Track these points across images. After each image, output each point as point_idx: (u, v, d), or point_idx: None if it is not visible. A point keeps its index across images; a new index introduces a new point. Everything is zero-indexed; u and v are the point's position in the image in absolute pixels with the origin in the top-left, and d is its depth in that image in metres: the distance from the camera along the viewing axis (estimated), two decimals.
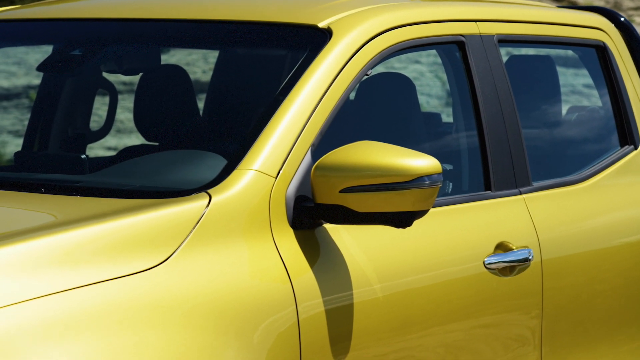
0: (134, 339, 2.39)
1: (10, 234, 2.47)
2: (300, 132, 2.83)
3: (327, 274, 2.77)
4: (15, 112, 9.60)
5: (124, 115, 8.13)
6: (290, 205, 2.77)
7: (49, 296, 2.33)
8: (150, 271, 2.49)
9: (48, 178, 3.05)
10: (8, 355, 2.21)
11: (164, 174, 3.03)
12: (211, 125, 3.57)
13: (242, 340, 2.55)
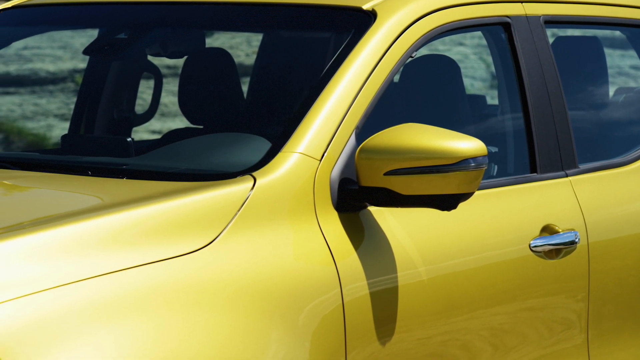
0: (181, 320, 2.40)
1: (58, 217, 2.49)
2: (345, 114, 2.83)
3: (372, 257, 2.77)
4: (61, 96, 9.68)
5: (168, 99, 8.17)
6: (334, 188, 2.77)
7: (96, 278, 2.34)
8: (196, 253, 2.50)
9: (94, 161, 3.08)
10: (57, 336, 2.24)
11: (209, 157, 3.04)
12: (255, 108, 3.57)
13: (287, 323, 2.56)
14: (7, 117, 9.49)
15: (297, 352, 2.55)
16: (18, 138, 9.30)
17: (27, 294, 2.26)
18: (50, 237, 2.37)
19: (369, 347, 2.72)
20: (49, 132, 9.26)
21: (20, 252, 2.32)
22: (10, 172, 2.99)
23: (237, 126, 3.40)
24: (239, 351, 2.45)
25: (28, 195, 2.87)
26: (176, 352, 2.36)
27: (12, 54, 9.84)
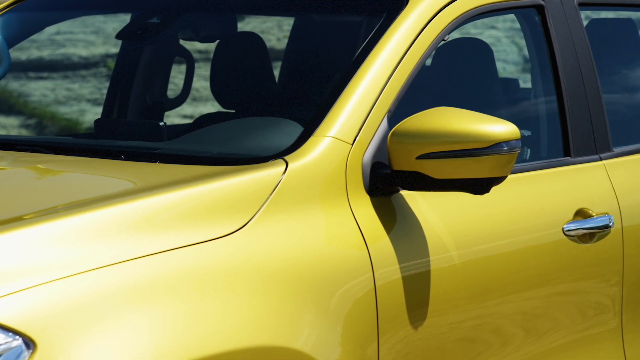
0: (214, 304, 2.41)
1: (92, 200, 2.50)
2: (377, 98, 2.82)
3: (404, 241, 2.77)
4: (94, 81, 9.72)
5: (199, 83, 8.18)
6: (366, 172, 2.77)
7: (130, 261, 2.36)
8: (228, 237, 2.51)
9: (127, 145, 3.09)
10: (92, 319, 2.25)
11: (241, 141, 3.04)
12: (287, 92, 3.57)
13: (319, 306, 2.56)
14: (40, 102, 9.54)
15: (329, 336, 2.55)
16: (51, 123, 9.36)
17: (62, 277, 2.27)
18: (84, 221, 2.38)
19: (401, 331, 2.72)
20: (82, 117, 9.30)
21: (54, 236, 2.33)
22: (45, 156, 3.01)
23: (269, 110, 3.40)
24: (271, 335, 2.46)
25: (62, 179, 2.89)
26: (209, 335, 2.37)
27: (45, 39, 9.89)
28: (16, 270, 2.24)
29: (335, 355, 2.55)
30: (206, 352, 2.35)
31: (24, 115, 9.41)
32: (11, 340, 2.18)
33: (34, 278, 2.25)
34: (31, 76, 9.68)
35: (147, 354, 2.27)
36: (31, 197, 2.63)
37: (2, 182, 2.78)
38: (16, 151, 3.09)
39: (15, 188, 2.73)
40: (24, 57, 9.61)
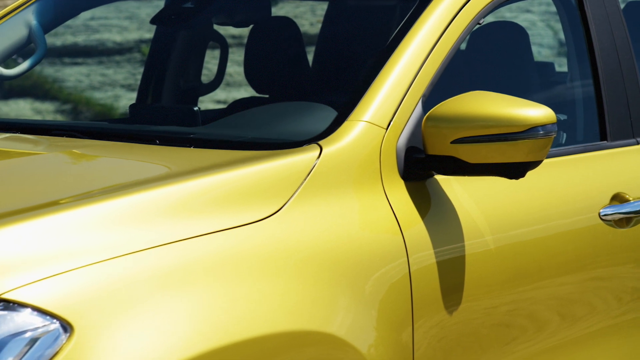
0: (250, 288, 2.42)
1: (128, 185, 2.51)
2: (411, 82, 2.81)
3: (438, 226, 2.76)
4: (128, 66, 9.75)
5: (232, 68, 8.19)
6: (400, 157, 2.76)
7: (166, 246, 2.36)
8: (263, 222, 2.51)
9: (162, 130, 3.10)
10: (127, 303, 2.26)
11: (275, 126, 3.04)
12: (321, 77, 3.57)
13: (354, 291, 2.56)
14: (75, 88, 9.59)
15: (363, 320, 2.55)
16: (86, 108, 9.40)
17: (98, 262, 2.29)
18: (120, 206, 2.39)
19: (436, 316, 2.71)
20: (116, 102, 9.34)
21: (91, 220, 2.35)
22: (80, 141, 3.02)
23: (303, 95, 3.40)
24: (306, 319, 2.46)
25: (97, 164, 2.90)
26: (245, 319, 2.37)
27: (80, 25, 9.93)
28: (53, 254, 2.26)
29: (370, 340, 2.55)
30: (242, 336, 2.35)
31: (59, 100, 9.46)
32: (48, 324, 2.19)
33: (71, 262, 2.26)
34: (66, 62, 9.73)
35: (183, 337, 2.28)
36: (67, 181, 2.65)
37: (39, 167, 2.80)
38: (52, 136, 3.11)
39: (51, 173, 2.75)
40: (58, 42, 9.66)
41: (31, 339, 2.17)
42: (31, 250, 2.25)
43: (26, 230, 2.28)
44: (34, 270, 2.22)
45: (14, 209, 2.37)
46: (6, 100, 9.31)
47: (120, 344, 2.21)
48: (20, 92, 9.37)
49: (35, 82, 9.42)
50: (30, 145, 3.08)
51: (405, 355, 2.63)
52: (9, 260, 2.21)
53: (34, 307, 2.18)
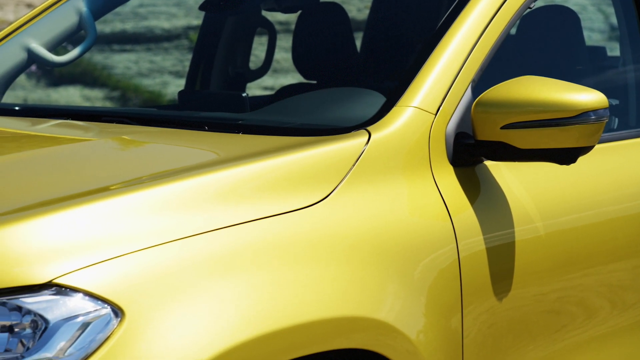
0: (298, 274, 2.42)
1: (177, 171, 2.52)
2: (461, 68, 2.79)
3: (488, 212, 2.75)
4: (176, 53, 9.79)
5: (280, 55, 8.19)
6: (450, 142, 2.75)
7: (214, 232, 2.37)
8: (311, 208, 2.51)
9: (211, 116, 3.11)
10: (177, 289, 2.27)
11: (324, 112, 3.04)
12: (369, 63, 3.56)
13: (402, 277, 2.56)
14: (123, 75, 9.64)
15: (412, 306, 2.55)
16: (134, 95, 9.46)
17: (148, 247, 2.30)
18: (169, 192, 2.40)
19: (485, 302, 2.70)
20: (164, 89, 9.38)
21: (140, 206, 2.36)
22: (130, 127, 3.04)
23: (351, 81, 3.39)
24: (355, 305, 2.46)
25: (147, 150, 2.92)
26: (293, 305, 2.38)
27: (129, 12, 9.98)
28: (104, 240, 2.27)
29: (419, 326, 2.54)
30: (291, 321, 2.36)
31: (108, 87, 9.52)
32: (100, 309, 2.21)
33: (122, 248, 2.27)
34: (115, 49, 9.79)
35: (232, 323, 2.29)
36: (117, 167, 2.66)
37: (89, 154, 2.82)
38: (102, 122, 3.13)
39: (101, 159, 2.77)
40: (107, 29, 9.72)
41: (83, 324, 2.19)
42: (82, 236, 2.26)
43: (77, 216, 2.29)
44: (85, 256, 2.23)
45: (66, 194, 2.39)
46: (56, 87, 9.38)
47: (169, 329, 2.22)
48: (69, 79, 9.45)
49: (84, 69, 9.48)
50: (81, 132, 3.10)
51: (454, 341, 2.62)
52: (61, 245, 2.23)
53: (86, 292, 2.20)
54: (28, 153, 2.81)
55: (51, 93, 9.16)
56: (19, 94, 9.02)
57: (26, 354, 2.16)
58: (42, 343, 2.17)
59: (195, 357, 2.22)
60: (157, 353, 2.20)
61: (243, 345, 2.28)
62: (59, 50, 3.67)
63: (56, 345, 2.17)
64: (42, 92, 9.12)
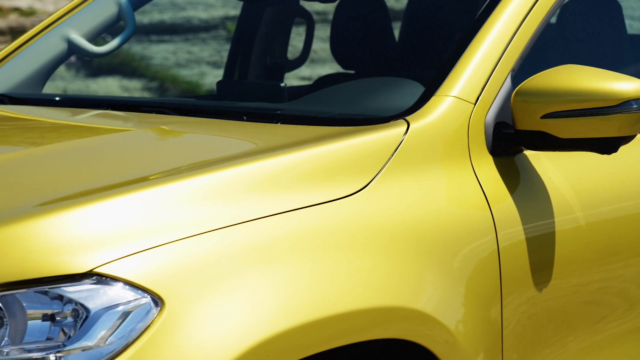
0: (337, 264, 2.42)
1: (216, 161, 2.53)
2: (500, 57, 2.78)
3: (528, 202, 2.73)
4: (213, 44, 9.81)
5: (317, 45, 8.18)
6: (489, 132, 2.73)
7: (252, 221, 2.37)
8: (350, 198, 2.51)
9: (249, 106, 3.11)
10: (216, 278, 2.28)
11: (362, 102, 3.03)
12: (408, 52, 3.55)
13: (441, 267, 2.55)
14: (161, 65, 9.68)
15: (451, 296, 2.54)
16: (172, 85, 9.49)
17: (187, 237, 2.31)
18: (208, 182, 2.41)
19: (525, 293, 2.69)
20: (202, 79, 9.41)
21: (179, 196, 2.37)
22: (169, 117, 3.05)
23: (390, 70, 3.38)
24: (394, 295, 2.46)
25: (186, 140, 2.92)
26: (331, 295, 2.38)
27: (166, 3, 10.01)
28: (143, 229, 2.28)
29: (458, 316, 2.54)
30: (329, 311, 2.36)
31: (146, 78, 9.56)
32: (140, 298, 2.22)
33: (161, 237, 2.28)
34: (153, 39, 9.82)
35: (271, 312, 2.29)
36: (156, 157, 2.67)
37: (128, 144, 2.83)
38: (141, 112, 3.15)
39: (140, 149, 2.78)
40: (146, 20, 9.75)
41: (123, 313, 2.20)
42: (122, 226, 2.27)
43: (118, 206, 2.30)
44: (125, 245, 2.24)
45: (105, 184, 2.40)
46: (95, 78, 9.43)
47: (208, 318, 2.23)
48: (108, 70, 9.49)
49: (123, 60, 9.53)
50: (120, 122, 3.12)
51: (493, 331, 2.61)
52: (101, 235, 2.25)
53: (126, 281, 2.21)
54: (68, 143, 2.83)
55: (90, 84, 9.21)
56: (59, 84, 9.08)
57: (68, 342, 2.18)
58: (83, 332, 2.18)
59: (235, 347, 2.23)
60: (196, 342, 2.21)
61: (281, 335, 2.28)
62: (98, 41, 3.69)
63: (97, 334, 2.18)
64: (81, 83, 9.17)
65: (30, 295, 2.18)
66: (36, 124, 3.18)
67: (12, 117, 3.24)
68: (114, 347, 2.18)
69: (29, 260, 2.19)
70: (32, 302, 2.18)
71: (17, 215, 2.26)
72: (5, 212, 2.28)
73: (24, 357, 2.15)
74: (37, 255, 2.19)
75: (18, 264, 2.18)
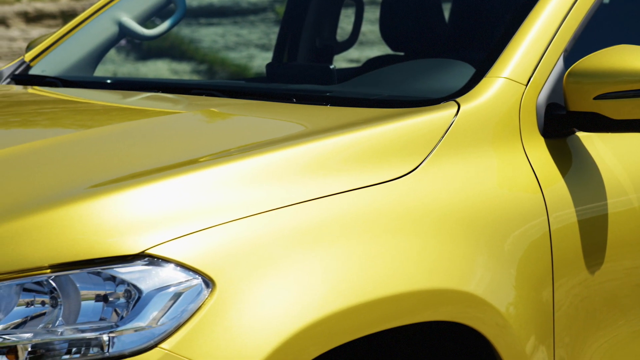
0: (387, 246, 2.41)
1: (264, 143, 2.53)
2: (552, 37, 2.75)
3: (580, 184, 2.71)
4: (262, 26, 9.82)
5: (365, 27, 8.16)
6: (541, 113, 2.71)
7: (302, 204, 2.37)
8: (400, 180, 2.50)
9: (298, 88, 3.11)
10: (266, 260, 2.28)
11: (412, 83, 3.02)
12: (458, 33, 3.52)
13: (492, 249, 2.54)
14: (210, 48, 9.70)
15: (502, 279, 2.53)
16: (221, 68, 9.51)
17: (237, 219, 2.31)
18: (258, 164, 2.41)
19: (577, 275, 2.67)
20: (250, 62, 9.42)
21: (229, 178, 2.37)
22: (219, 99, 3.06)
23: (440, 52, 3.36)
24: (444, 277, 2.45)
25: (235, 122, 2.93)
26: (381, 277, 2.37)
27: None
28: (194, 211, 2.29)
29: (509, 299, 2.52)
30: (380, 293, 2.36)
31: (195, 61, 9.59)
32: (191, 279, 2.23)
33: (211, 219, 2.29)
34: (202, 22, 9.85)
35: (321, 294, 2.29)
36: (206, 140, 2.68)
37: (179, 126, 2.84)
38: (191, 95, 3.16)
39: (190, 131, 2.79)
40: (195, 3, 9.78)
41: (175, 294, 2.22)
42: (174, 208, 2.28)
43: (169, 188, 2.31)
44: (176, 227, 2.25)
45: (156, 167, 2.42)
46: (145, 61, 9.48)
47: (259, 300, 2.24)
48: (158, 53, 9.53)
49: (172, 43, 9.56)
50: (171, 104, 3.13)
51: (545, 314, 2.60)
52: (152, 217, 2.26)
53: (177, 262, 2.22)
54: (120, 125, 2.85)
55: (140, 67, 9.25)
56: (109, 68, 9.13)
57: (120, 322, 2.19)
58: (136, 312, 2.20)
59: (285, 328, 2.23)
60: (247, 323, 2.21)
61: (332, 317, 2.29)
62: (148, 25, 3.70)
63: (149, 315, 2.20)
64: (131, 66, 9.22)
65: (84, 276, 2.20)
66: (88, 107, 3.20)
67: (65, 100, 3.27)
68: (165, 328, 2.19)
69: (82, 241, 2.20)
70: (86, 283, 2.20)
71: (70, 197, 2.28)
72: (58, 194, 2.30)
73: (77, 337, 2.17)
74: (90, 236, 2.21)
75: (71, 245, 2.20)
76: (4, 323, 2.17)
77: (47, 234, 2.20)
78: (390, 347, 2.50)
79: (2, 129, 2.99)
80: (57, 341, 2.16)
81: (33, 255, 2.18)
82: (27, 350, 2.16)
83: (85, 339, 2.17)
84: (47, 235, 2.20)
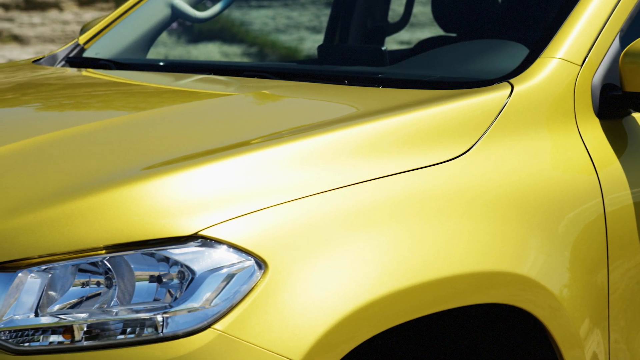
0: (439, 228, 2.40)
1: (316, 125, 2.53)
2: (608, 17, 2.72)
3: (636, 165, 2.68)
4: (312, 9, 9.80)
5: (416, 8, 8.11)
6: (596, 94, 2.68)
7: (353, 185, 2.37)
8: (452, 161, 2.49)
9: (350, 70, 3.10)
10: (319, 242, 2.28)
11: (465, 65, 3.00)
12: (511, 14, 3.49)
13: (545, 231, 2.52)
14: (261, 31, 9.71)
15: (556, 261, 2.51)
16: (272, 51, 9.52)
17: (289, 201, 2.31)
18: (309, 146, 2.41)
19: (634, 257, 2.64)
20: (301, 44, 9.41)
21: (281, 160, 2.37)
22: (270, 81, 3.05)
23: (492, 33, 3.34)
24: (497, 259, 2.43)
25: (287, 104, 2.93)
26: (434, 258, 2.36)
27: None
28: (246, 193, 2.30)
29: (563, 281, 2.50)
30: (432, 275, 2.35)
31: (246, 43, 9.61)
32: (244, 261, 2.23)
33: (263, 201, 2.29)
34: (253, 5, 9.86)
35: (373, 276, 2.29)
36: (258, 121, 2.68)
37: (231, 108, 2.85)
38: (243, 77, 3.16)
39: (242, 113, 2.79)
40: None
41: (228, 275, 2.22)
42: (226, 189, 2.29)
43: (221, 169, 2.32)
44: (229, 209, 2.26)
45: (209, 148, 2.42)
46: (196, 44, 9.51)
47: (311, 281, 2.24)
48: (209, 36, 9.56)
49: (223, 25, 9.58)
50: (223, 87, 3.14)
51: (599, 296, 2.57)
52: (205, 199, 2.26)
53: (230, 244, 2.23)
54: (172, 108, 2.86)
55: (191, 50, 9.29)
56: (161, 50, 9.17)
57: (174, 303, 2.20)
58: (189, 293, 2.21)
59: (337, 310, 2.23)
60: (299, 305, 2.22)
61: (383, 299, 2.28)
62: (200, 7, 3.71)
63: (202, 296, 2.21)
64: (182, 49, 9.25)
65: (138, 257, 2.21)
66: (141, 89, 3.22)
67: (118, 82, 3.29)
68: (218, 309, 2.20)
69: (136, 222, 2.22)
70: (140, 264, 2.21)
71: (124, 178, 2.29)
72: (113, 176, 2.32)
73: (132, 317, 2.18)
74: (144, 217, 2.22)
75: (125, 226, 2.21)
76: (60, 303, 2.19)
77: (102, 215, 2.21)
78: (441, 330, 2.49)
79: (57, 111, 3.01)
80: (112, 321, 2.18)
81: (88, 237, 2.20)
82: (83, 330, 2.18)
83: (139, 320, 2.18)
84: (101, 217, 2.21)
